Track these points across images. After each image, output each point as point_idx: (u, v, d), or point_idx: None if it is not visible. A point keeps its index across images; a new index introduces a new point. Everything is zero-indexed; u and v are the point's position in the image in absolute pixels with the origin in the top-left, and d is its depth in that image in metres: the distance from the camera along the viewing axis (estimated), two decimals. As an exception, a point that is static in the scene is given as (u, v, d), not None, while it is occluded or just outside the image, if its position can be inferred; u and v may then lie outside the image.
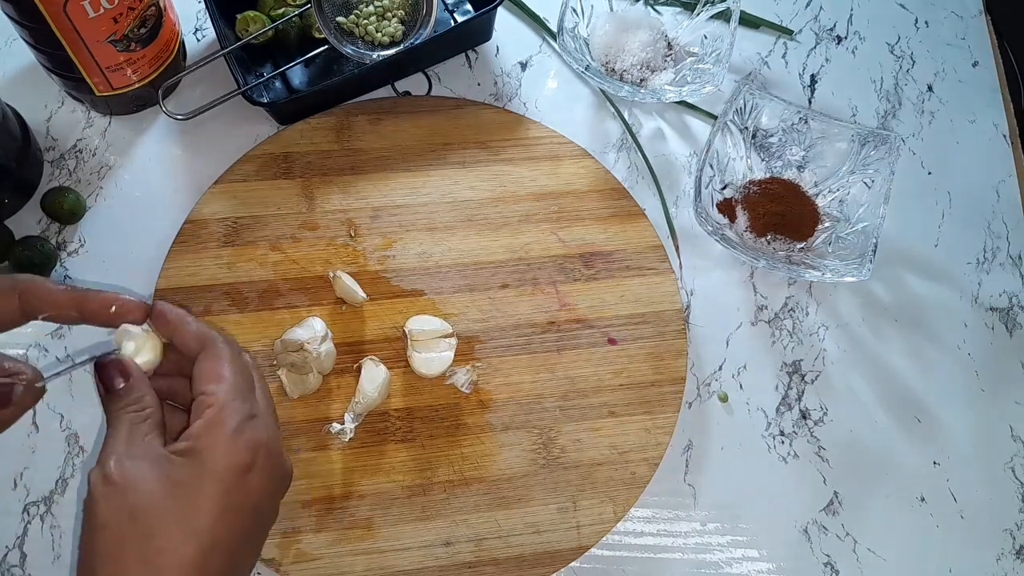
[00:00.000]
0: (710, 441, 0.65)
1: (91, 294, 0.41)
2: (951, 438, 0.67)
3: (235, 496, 0.37)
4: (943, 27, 0.82)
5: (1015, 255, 0.74)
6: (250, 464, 0.38)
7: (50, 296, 0.40)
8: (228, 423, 0.38)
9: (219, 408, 0.38)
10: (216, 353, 0.40)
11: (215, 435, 0.38)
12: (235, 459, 0.38)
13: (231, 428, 0.38)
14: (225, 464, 0.37)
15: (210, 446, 0.37)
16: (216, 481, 0.37)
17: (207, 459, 0.37)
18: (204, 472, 0.37)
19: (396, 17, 0.69)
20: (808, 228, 0.70)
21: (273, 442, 0.40)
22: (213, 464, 0.37)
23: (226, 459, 0.37)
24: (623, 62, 0.73)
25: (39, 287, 0.40)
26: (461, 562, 0.58)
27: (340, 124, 0.69)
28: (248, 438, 0.38)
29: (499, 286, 0.66)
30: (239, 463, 0.38)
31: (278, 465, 0.40)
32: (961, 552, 0.64)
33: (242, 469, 0.38)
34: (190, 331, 0.41)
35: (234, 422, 0.38)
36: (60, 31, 0.57)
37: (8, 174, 0.63)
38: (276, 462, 0.40)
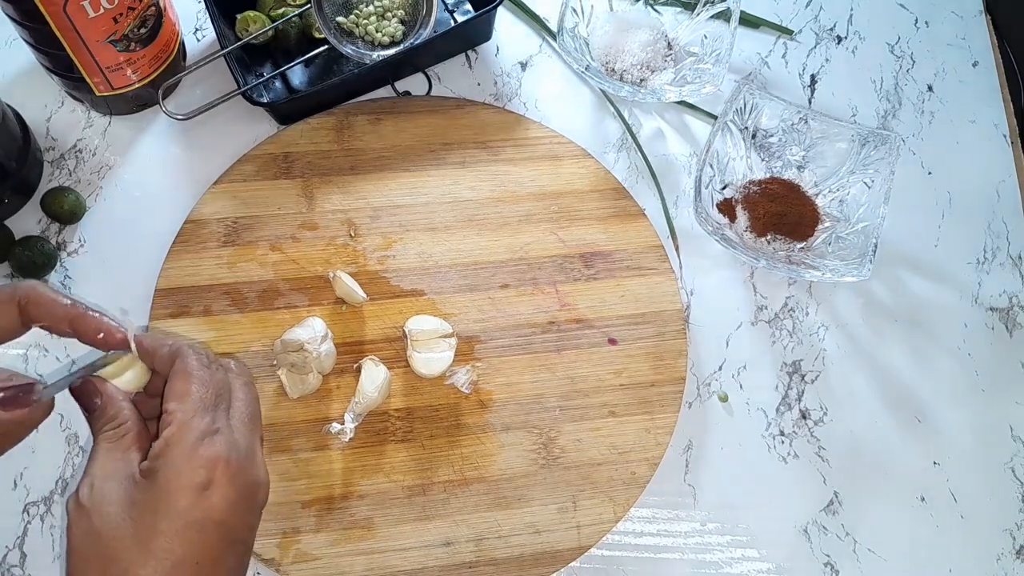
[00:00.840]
0: (710, 441, 0.65)
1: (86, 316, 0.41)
2: (951, 438, 0.67)
3: (193, 514, 0.37)
4: (943, 27, 0.82)
5: (1015, 255, 0.74)
6: (207, 481, 0.37)
7: (49, 308, 0.41)
8: (184, 441, 0.38)
9: (176, 426, 0.38)
10: (182, 368, 0.40)
11: (171, 454, 0.37)
12: (190, 477, 0.37)
13: (187, 446, 0.38)
14: (179, 483, 0.37)
15: (165, 465, 0.37)
16: (170, 500, 0.37)
17: (161, 479, 0.37)
18: (159, 492, 0.37)
19: (396, 17, 0.69)
20: (808, 228, 0.70)
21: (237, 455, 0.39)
22: (166, 483, 0.37)
23: (180, 478, 0.37)
24: (623, 62, 0.73)
25: (40, 296, 0.41)
26: (461, 562, 0.58)
27: (340, 124, 0.69)
28: (204, 455, 0.38)
29: (499, 286, 0.66)
30: (194, 481, 0.37)
31: (245, 478, 0.39)
32: (961, 552, 0.64)
33: (198, 487, 0.37)
34: (163, 353, 0.41)
35: (190, 440, 0.38)
36: (60, 31, 0.57)
37: (8, 174, 0.63)
38: (242, 476, 0.39)
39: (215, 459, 0.38)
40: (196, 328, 0.62)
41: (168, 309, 0.62)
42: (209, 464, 0.38)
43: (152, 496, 0.37)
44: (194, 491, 0.37)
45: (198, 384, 0.40)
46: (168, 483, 0.37)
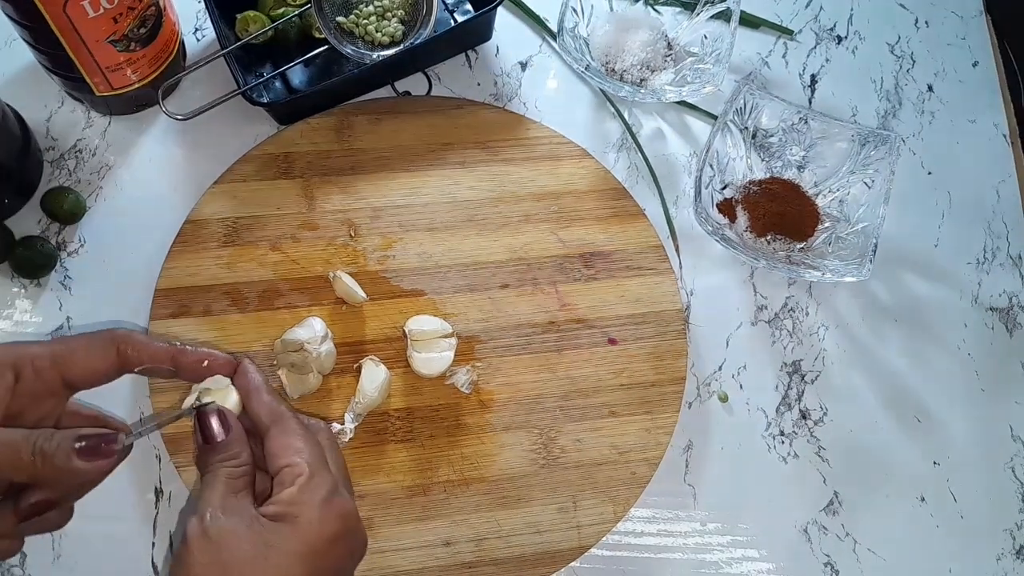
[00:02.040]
0: (710, 441, 0.65)
1: (187, 350, 0.43)
2: (951, 438, 0.67)
3: (323, 562, 0.39)
4: (943, 27, 0.82)
5: (1015, 255, 0.74)
6: (339, 533, 0.40)
7: (148, 350, 0.42)
8: (319, 492, 0.40)
9: (309, 477, 0.40)
10: (291, 428, 0.42)
11: (308, 503, 0.39)
12: (327, 527, 0.39)
13: (322, 497, 0.40)
14: (318, 531, 0.39)
15: (304, 513, 0.39)
16: (309, 547, 0.38)
17: (301, 525, 0.39)
18: (298, 538, 0.38)
19: (396, 17, 0.69)
20: (808, 228, 0.70)
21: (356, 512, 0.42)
22: (307, 530, 0.39)
23: (319, 526, 0.39)
24: (623, 62, 0.73)
25: (137, 340, 0.42)
26: (461, 562, 0.58)
27: (340, 124, 0.69)
28: (338, 507, 0.40)
29: (499, 286, 0.66)
30: (330, 531, 0.39)
31: (359, 534, 0.42)
32: (961, 552, 0.64)
33: (332, 537, 0.39)
34: (264, 401, 0.43)
35: (324, 491, 0.40)
36: (60, 31, 0.57)
37: (8, 174, 0.63)
38: (358, 531, 0.42)
39: (346, 512, 0.41)
40: (196, 328, 0.62)
41: (168, 309, 0.62)
42: (343, 516, 0.40)
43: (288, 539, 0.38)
44: (328, 540, 0.39)
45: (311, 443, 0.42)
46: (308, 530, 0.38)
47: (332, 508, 0.40)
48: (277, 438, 0.41)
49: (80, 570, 0.57)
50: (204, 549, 0.37)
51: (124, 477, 0.59)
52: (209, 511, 0.38)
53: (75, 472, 0.37)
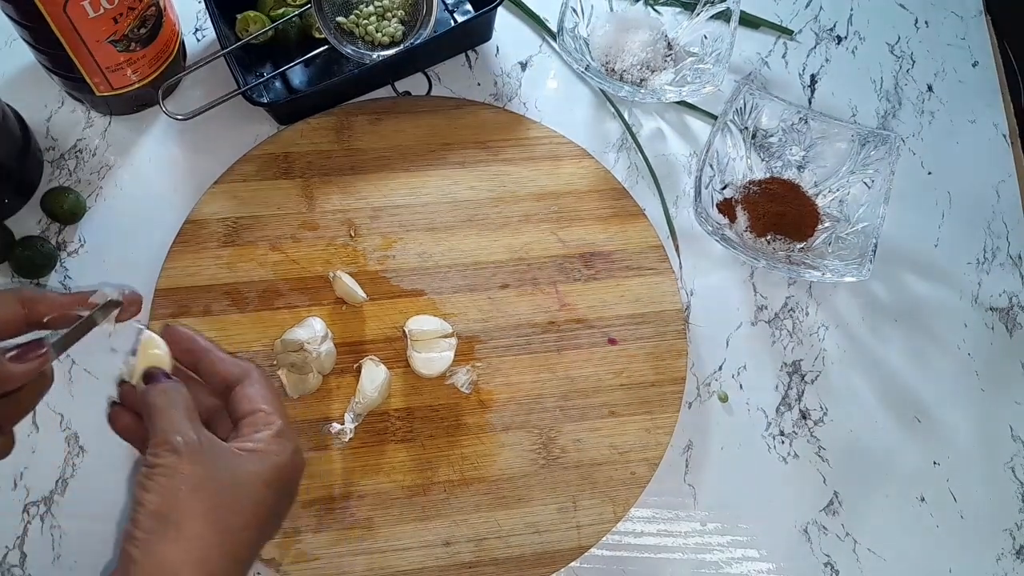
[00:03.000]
0: (710, 441, 0.65)
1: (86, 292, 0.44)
2: (951, 438, 0.67)
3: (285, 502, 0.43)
4: (943, 27, 0.82)
5: (1015, 255, 0.74)
6: (297, 480, 0.44)
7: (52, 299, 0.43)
8: (291, 442, 0.43)
9: (282, 427, 0.43)
10: (264, 380, 0.45)
11: (284, 446, 0.43)
12: (296, 469, 0.43)
13: (294, 447, 0.43)
14: (291, 473, 0.43)
15: (282, 453, 0.42)
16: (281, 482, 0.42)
17: (280, 462, 0.42)
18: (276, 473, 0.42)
19: (396, 17, 0.69)
20: (808, 228, 0.70)
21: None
22: (284, 469, 0.42)
23: (292, 469, 0.43)
24: (623, 62, 0.73)
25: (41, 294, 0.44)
26: (461, 562, 0.58)
27: (340, 124, 0.69)
28: (302, 459, 0.44)
29: (499, 286, 0.66)
30: (297, 474, 0.44)
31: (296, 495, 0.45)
32: (961, 552, 0.64)
33: (295, 481, 0.44)
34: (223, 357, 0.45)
35: (294, 443, 0.44)
36: (60, 31, 0.57)
37: (8, 174, 0.63)
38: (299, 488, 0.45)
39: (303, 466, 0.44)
40: (196, 328, 0.61)
41: (168, 309, 0.62)
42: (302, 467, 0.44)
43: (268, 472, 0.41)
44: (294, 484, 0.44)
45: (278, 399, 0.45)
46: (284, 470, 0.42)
47: (299, 457, 0.44)
48: (250, 386, 0.44)
49: (80, 570, 0.57)
50: (201, 463, 0.39)
51: (123, 477, 0.59)
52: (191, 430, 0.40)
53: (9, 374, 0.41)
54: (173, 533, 0.38)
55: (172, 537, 0.38)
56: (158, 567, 0.37)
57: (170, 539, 0.38)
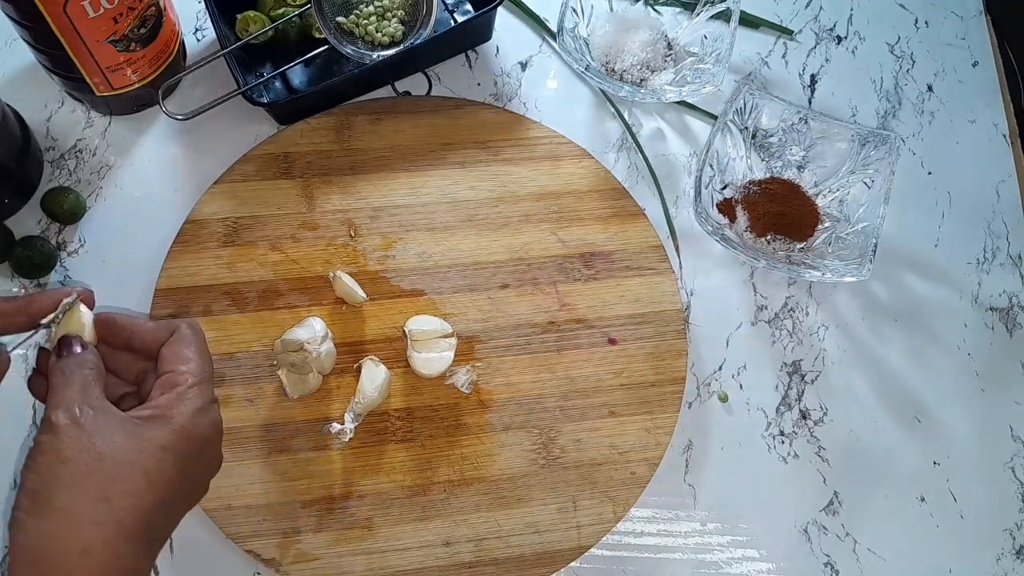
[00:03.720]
0: (710, 441, 0.65)
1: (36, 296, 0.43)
2: (951, 438, 0.67)
3: (190, 464, 0.41)
4: (943, 27, 0.82)
5: (1015, 255, 0.74)
6: (209, 439, 0.43)
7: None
8: (197, 400, 0.42)
9: (189, 386, 0.42)
10: (184, 338, 0.44)
11: (185, 408, 0.41)
12: (200, 431, 0.42)
13: (199, 405, 0.42)
14: (191, 433, 0.41)
15: (179, 416, 0.41)
16: (181, 446, 0.41)
17: (176, 426, 0.41)
18: (172, 436, 0.40)
19: (396, 17, 0.69)
20: (808, 228, 0.70)
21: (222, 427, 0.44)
22: (181, 431, 0.41)
23: (193, 429, 0.41)
24: (623, 62, 0.73)
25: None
26: (461, 562, 0.58)
27: (340, 124, 0.69)
28: (211, 417, 0.43)
29: (499, 286, 0.66)
30: (203, 436, 0.42)
31: (219, 450, 0.45)
32: (961, 552, 0.64)
33: (203, 442, 0.42)
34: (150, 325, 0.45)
35: (201, 401, 0.42)
36: (60, 31, 0.57)
37: (8, 174, 0.63)
38: (219, 447, 0.44)
39: (216, 424, 0.43)
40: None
41: (168, 309, 0.62)
42: (213, 426, 0.43)
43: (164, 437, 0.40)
44: (200, 444, 0.42)
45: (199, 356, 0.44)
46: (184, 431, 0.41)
47: (206, 415, 0.42)
48: (171, 346, 0.44)
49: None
50: (76, 437, 0.39)
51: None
52: (76, 404, 0.39)
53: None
54: (44, 507, 0.37)
55: (43, 511, 0.37)
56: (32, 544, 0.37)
57: (42, 514, 0.37)
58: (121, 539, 0.38)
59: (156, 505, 0.39)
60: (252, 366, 0.61)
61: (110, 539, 0.38)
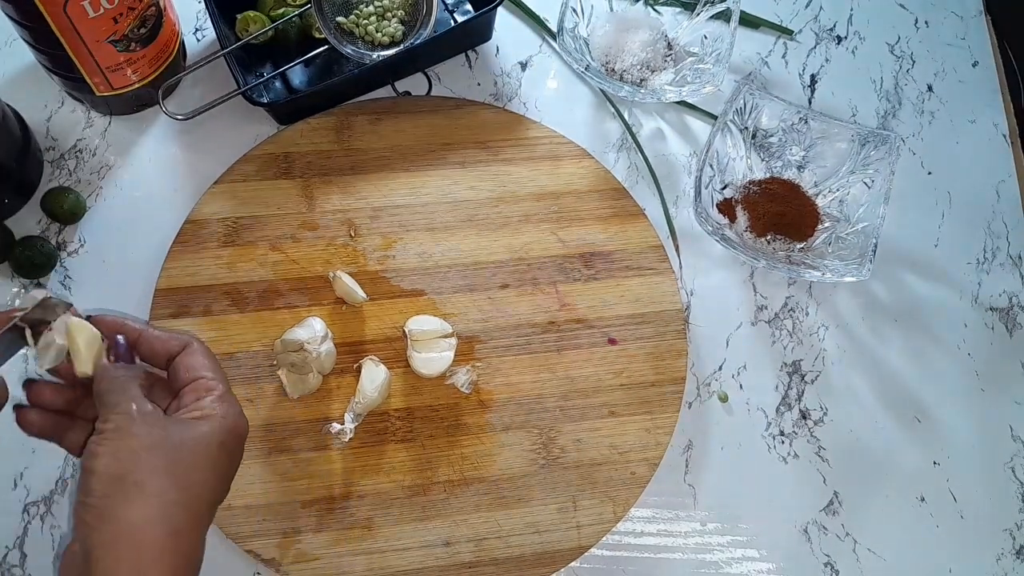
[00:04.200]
0: (710, 441, 0.65)
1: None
2: (951, 438, 0.67)
3: (235, 459, 0.44)
4: (943, 27, 0.82)
5: (1015, 255, 0.74)
6: (244, 438, 0.44)
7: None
8: (236, 404, 0.44)
9: (225, 391, 0.44)
10: (204, 350, 0.46)
11: (228, 408, 0.43)
12: (242, 429, 0.44)
13: (238, 409, 0.44)
14: (237, 433, 0.43)
15: (229, 415, 0.43)
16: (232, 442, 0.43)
17: (229, 426, 0.43)
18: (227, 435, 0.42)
19: (396, 17, 0.69)
20: (808, 228, 0.70)
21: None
22: (233, 430, 0.43)
23: (238, 429, 0.43)
24: (623, 62, 0.73)
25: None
26: (461, 562, 0.58)
27: (340, 124, 0.69)
28: (246, 420, 0.44)
29: (499, 286, 0.66)
30: (244, 433, 0.44)
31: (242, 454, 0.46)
32: (961, 552, 0.64)
33: (241, 443, 0.44)
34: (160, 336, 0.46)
35: (237, 406, 0.44)
36: (60, 31, 0.57)
37: (8, 174, 0.63)
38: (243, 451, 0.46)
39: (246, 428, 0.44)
40: (196, 328, 0.62)
41: (168, 309, 0.62)
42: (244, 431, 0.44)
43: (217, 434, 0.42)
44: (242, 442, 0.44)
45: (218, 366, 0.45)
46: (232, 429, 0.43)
47: (243, 419, 0.44)
48: (190, 356, 0.45)
49: (80, 570, 0.57)
50: (153, 426, 0.40)
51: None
52: (136, 402, 0.41)
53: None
54: (134, 491, 0.38)
55: (133, 495, 0.38)
56: (120, 529, 0.37)
57: (131, 498, 0.38)
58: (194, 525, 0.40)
59: (212, 500, 0.41)
60: (252, 366, 0.61)
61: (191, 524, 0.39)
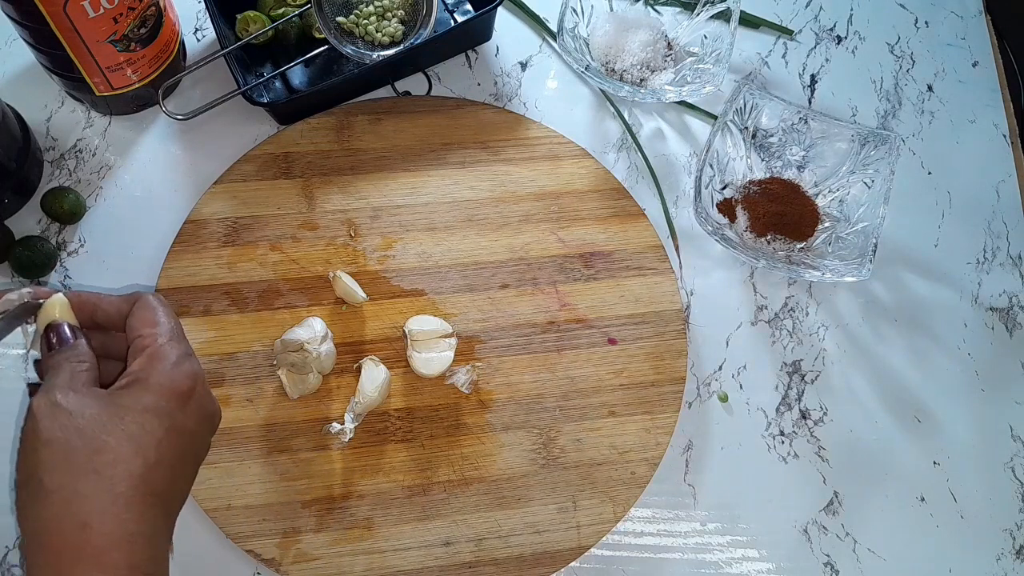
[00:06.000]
0: (710, 441, 0.65)
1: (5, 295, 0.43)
2: (951, 438, 0.67)
3: (178, 419, 0.41)
4: (943, 27, 0.82)
5: (1015, 255, 0.74)
6: (190, 390, 0.42)
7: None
8: (169, 356, 0.42)
9: (159, 345, 0.42)
10: (147, 304, 0.44)
11: (157, 366, 0.41)
12: (178, 385, 0.41)
13: (171, 360, 0.42)
14: (170, 389, 0.41)
15: (153, 375, 0.41)
16: (162, 404, 0.40)
17: (152, 386, 0.41)
18: (149, 396, 0.40)
19: (396, 17, 0.69)
20: (808, 228, 0.70)
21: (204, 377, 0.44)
22: (158, 389, 0.41)
23: (171, 384, 0.41)
24: (623, 62, 0.73)
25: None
26: (461, 562, 0.58)
27: (340, 124, 0.69)
28: (187, 369, 0.42)
29: (499, 286, 0.66)
30: (182, 388, 0.41)
31: (210, 399, 0.44)
32: (961, 552, 0.64)
33: (184, 395, 0.41)
34: (112, 300, 0.44)
35: (174, 356, 0.42)
36: (60, 31, 0.57)
37: (8, 174, 0.63)
38: (209, 396, 0.44)
39: (196, 374, 0.42)
40: (196, 328, 0.62)
41: (168, 309, 0.62)
42: (192, 376, 0.42)
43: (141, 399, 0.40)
44: (181, 397, 0.41)
45: (166, 317, 0.44)
46: (160, 388, 0.41)
47: (181, 369, 0.42)
48: (135, 313, 0.43)
49: (80, 570, 0.57)
50: (56, 415, 0.39)
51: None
52: (56, 390, 0.40)
53: None
54: (37, 491, 0.38)
55: (38, 497, 0.38)
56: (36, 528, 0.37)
57: (37, 499, 0.38)
58: (120, 507, 0.38)
59: (149, 467, 0.39)
60: (252, 366, 0.61)
61: (107, 509, 0.38)
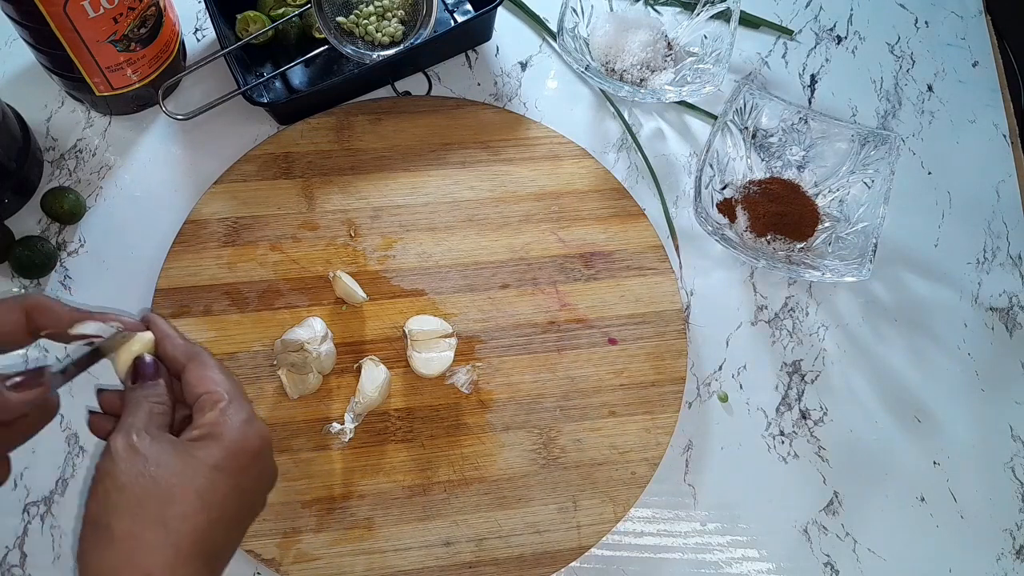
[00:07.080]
0: (710, 441, 0.65)
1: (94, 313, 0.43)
2: (951, 438, 0.67)
3: (244, 478, 0.41)
4: (943, 27, 0.82)
5: (1015, 255, 0.74)
6: (259, 450, 0.42)
7: (55, 312, 0.42)
8: (240, 414, 0.42)
9: (229, 401, 0.42)
10: (207, 362, 0.44)
11: (230, 422, 0.41)
12: (249, 443, 0.41)
13: (243, 418, 0.42)
14: (240, 446, 0.41)
15: (227, 431, 0.41)
16: (233, 461, 0.40)
17: (225, 441, 0.41)
18: (222, 452, 0.40)
19: (396, 17, 0.69)
20: (808, 228, 0.70)
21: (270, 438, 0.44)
22: (231, 445, 0.41)
23: (243, 442, 0.41)
24: (623, 62, 0.73)
25: (45, 303, 0.43)
26: (461, 562, 0.58)
27: (340, 124, 0.69)
28: (258, 428, 0.42)
29: (499, 286, 0.66)
30: (252, 447, 0.41)
31: (272, 461, 0.44)
32: (961, 552, 0.64)
33: (253, 453, 0.41)
34: (179, 343, 0.45)
35: (245, 414, 0.42)
36: (60, 31, 0.57)
37: (8, 174, 0.63)
38: (271, 458, 0.44)
39: (264, 434, 0.43)
40: (196, 328, 0.62)
41: (168, 309, 0.62)
42: (261, 436, 0.42)
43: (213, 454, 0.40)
44: (250, 456, 0.41)
45: (227, 375, 0.44)
46: (232, 444, 0.41)
47: (253, 427, 0.42)
48: (195, 370, 0.43)
49: (80, 570, 0.57)
50: (132, 460, 0.39)
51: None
52: (135, 431, 0.40)
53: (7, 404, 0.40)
54: (104, 536, 0.37)
55: (104, 541, 0.37)
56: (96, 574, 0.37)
57: (103, 544, 0.37)
58: (180, 562, 0.38)
59: (212, 524, 0.39)
60: (252, 366, 0.61)
61: (169, 563, 0.37)
